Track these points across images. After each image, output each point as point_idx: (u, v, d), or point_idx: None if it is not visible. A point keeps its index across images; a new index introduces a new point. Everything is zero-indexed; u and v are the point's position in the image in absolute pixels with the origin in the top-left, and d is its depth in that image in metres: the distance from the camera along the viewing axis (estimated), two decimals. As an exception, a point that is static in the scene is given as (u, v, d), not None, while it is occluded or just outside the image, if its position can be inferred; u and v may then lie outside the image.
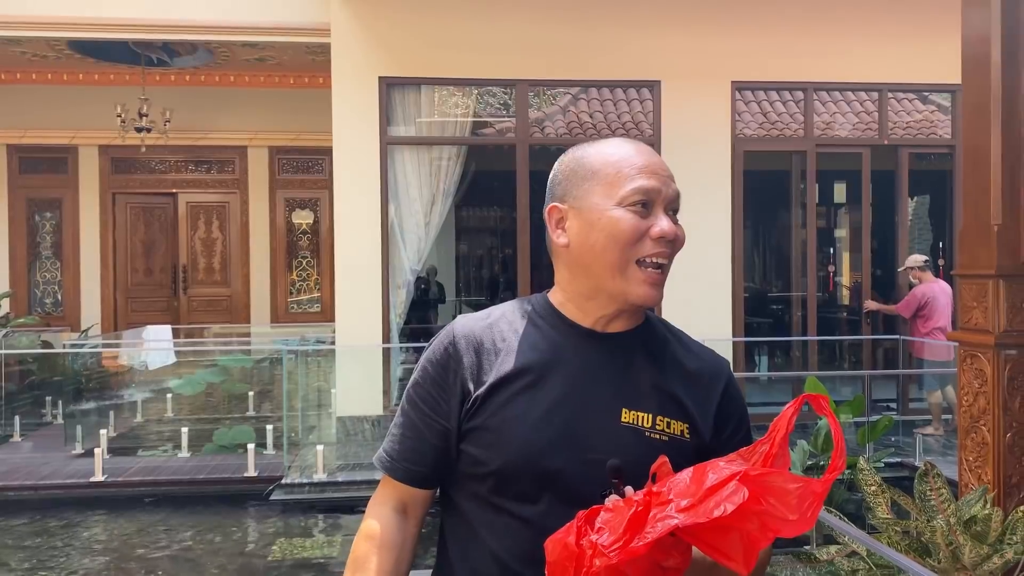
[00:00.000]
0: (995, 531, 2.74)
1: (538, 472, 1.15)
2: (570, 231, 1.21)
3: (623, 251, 1.17)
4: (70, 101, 11.04)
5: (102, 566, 5.12)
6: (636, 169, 1.20)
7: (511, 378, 1.18)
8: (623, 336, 1.23)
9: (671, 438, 1.18)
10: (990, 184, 3.16)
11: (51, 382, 9.09)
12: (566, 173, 1.25)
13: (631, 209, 1.18)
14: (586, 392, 1.18)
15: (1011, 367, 3.13)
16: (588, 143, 1.27)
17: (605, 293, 1.20)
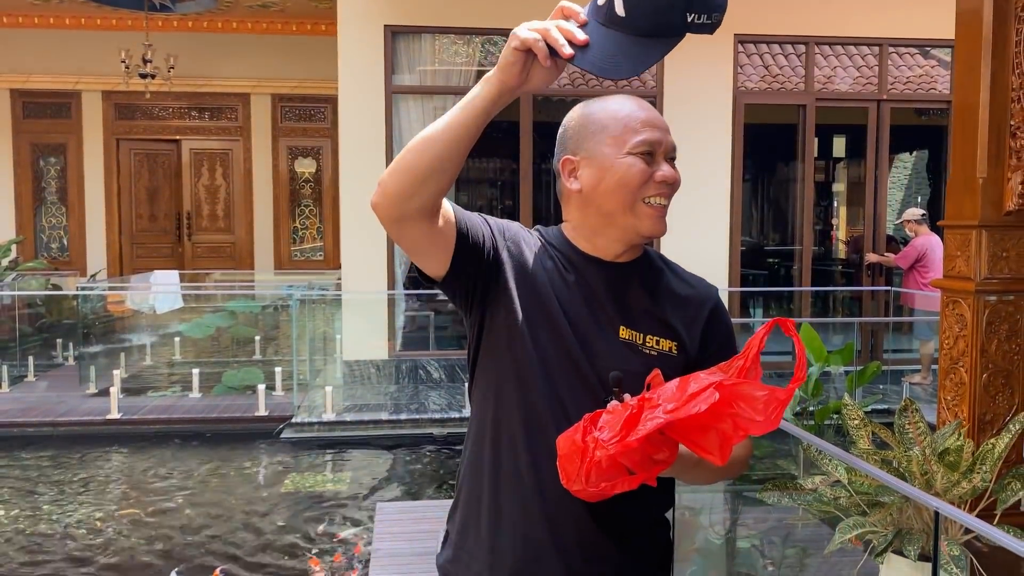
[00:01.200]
0: (966, 461, 2.95)
1: (553, 378, 1.35)
2: (582, 178, 1.39)
3: (634, 192, 1.36)
4: (73, 46, 11.05)
5: (123, 497, 5.38)
6: (640, 123, 1.38)
7: (538, 296, 1.37)
8: (625, 266, 1.43)
9: (660, 354, 1.38)
10: (977, 138, 3.31)
11: (62, 325, 9.30)
12: (576, 128, 1.41)
13: (641, 157, 1.36)
14: (593, 311, 1.38)
15: (989, 312, 3.31)
16: (593, 100, 1.44)
17: (617, 228, 1.39)
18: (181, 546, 4.53)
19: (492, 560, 1.39)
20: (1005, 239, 3.30)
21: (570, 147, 1.42)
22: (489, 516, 1.39)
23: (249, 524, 4.85)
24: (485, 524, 1.40)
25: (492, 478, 1.39)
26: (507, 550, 1.37)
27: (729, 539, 3.43)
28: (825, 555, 3.08)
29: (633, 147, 1.36)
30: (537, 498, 1.35)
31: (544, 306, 1.37)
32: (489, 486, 1.40)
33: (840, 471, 3.07)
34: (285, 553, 4.44)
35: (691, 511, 3.65)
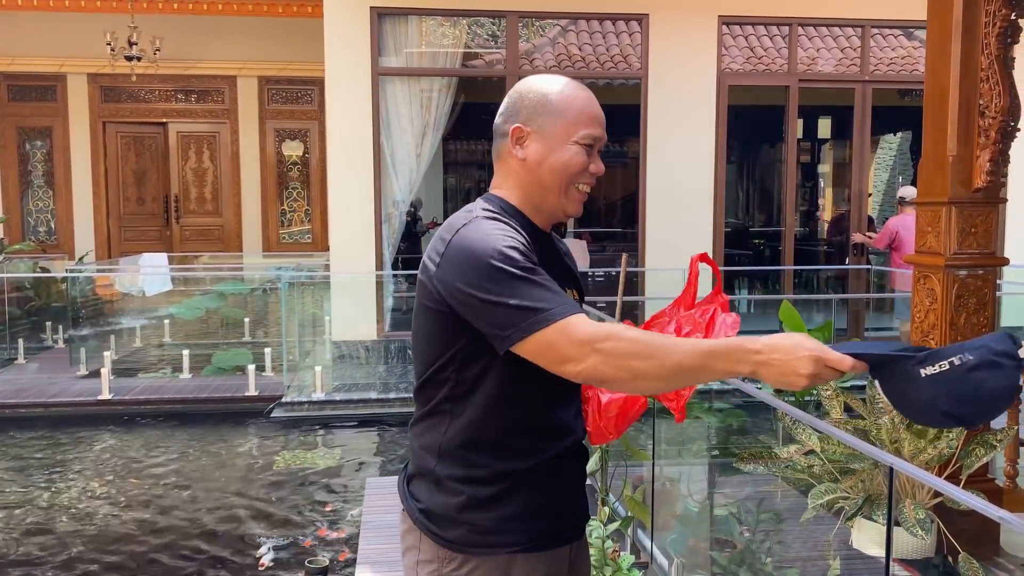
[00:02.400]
0: (933, 429, 3.07)
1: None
2: (528, 150, 1.51)
3: (569, 177, 1.51)
4: (58, 28, 10.99)
5: (116, 476, 5.46)
6: (590, 118, 1.52)
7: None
8: (549, 234, 1.63)
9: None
10: (947, 118, 3.41)
11: (51, 307, 9.33)
12: (532, 102, 1.52)
13: (583, 148, 1.51)
14: (559, 277, 1.54)
15: (958, 286, 3.42)
16: (548, 77, 1.55)
17: (549, 204, 1.54)
18: (175, 523, 4.62)
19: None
20: (974, 215, 3.41)
21: (522, 117, 1.52)
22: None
23: (241, 501, 4.94)
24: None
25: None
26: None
27: (707, 507, 3.55)
28: (801, 523, 3.20)
29: (580, 138, 1.50)
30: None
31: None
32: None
33: (813, 440, 3.18)
34: (278, 528, 4.53)
35: (671, 480, 3.76)
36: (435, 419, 1.49)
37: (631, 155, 12.55)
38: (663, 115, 7.87)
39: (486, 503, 1.45)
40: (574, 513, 1.56)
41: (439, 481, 1.48)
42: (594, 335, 1.30)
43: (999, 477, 3.63)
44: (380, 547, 3.79)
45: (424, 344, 1.49)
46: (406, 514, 1.55)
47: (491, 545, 1.45)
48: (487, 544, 1.45)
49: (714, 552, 3.39)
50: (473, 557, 1.46)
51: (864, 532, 3.18)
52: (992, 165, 3.29)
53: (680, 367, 1.29)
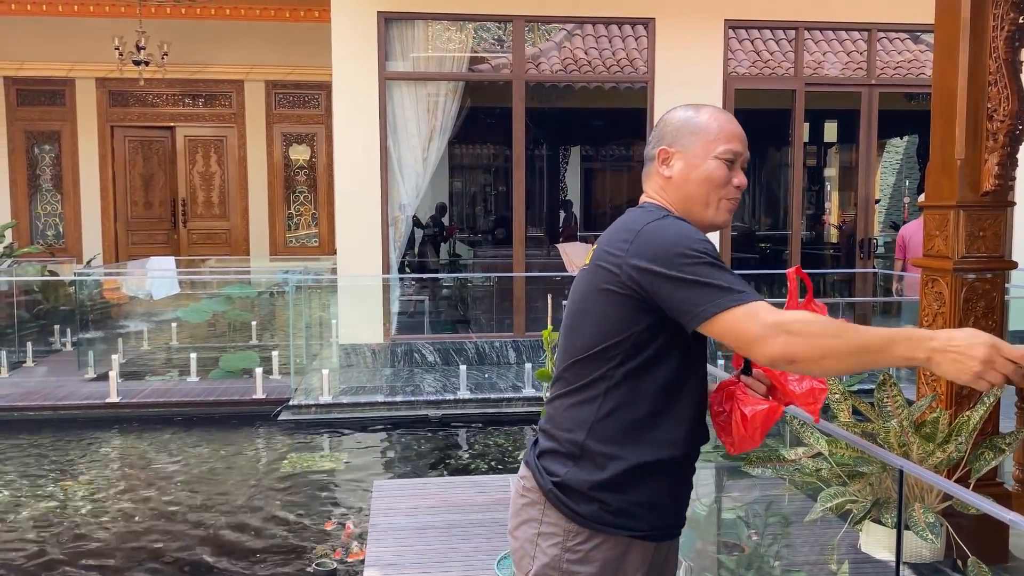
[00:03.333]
0: (942, 432, 3.07)
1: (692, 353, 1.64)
2: (674, 168, 1.66)
3: (715, 191, 1.64)
4: (67, 33, 11.06)
5: (125, 478, 5.48)
6: (730, 135, 1.65)
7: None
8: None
9: None
10: (955, 121, 3.41)
11: (59, 311, 9.37)
12: (676, 125, 1.68)
13: (724, 163, 1.63)
14: None
15: (967, 290, 3.42)
16: (691, 106, 1.71)
17: (695, 214, 1.65)
18: (184, 525, 4.64)
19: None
20: (982, 219, 3.41)
21: (667, 140, 1.68)
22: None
23: (249, 503, 4.96)
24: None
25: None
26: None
27: (715, 510, 3.55)
28: (804, 522, 3.19)
29: (721, 153, 1.63)
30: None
31: None
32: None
33: (821, 443, 3.18)
34: (287, 530, 4.54)
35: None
36: (589, 394, 1.57)
37: (637, 159, 12.56)
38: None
39: (622, 485, 1.54)
40: (682, 512, 1.68)
41: (584, 456, 1.56)
42: (782, 318, 1.40)
43: (1008, 481, 3.62)
44: (389, 550, 3.79)
45: (594, 324, 1.57)
46: (528, 488, 1.63)
47: (617, 526, 1.54)
48: (614, 524, 1.54)
49: (722, 555, 3.39)
50: (598, 534, 1.55)
51: (873, 536, 3.18)
52: (1000, 168, 3.29)
53: (865, 347, 1.36)
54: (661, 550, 1.63)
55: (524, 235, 8.07)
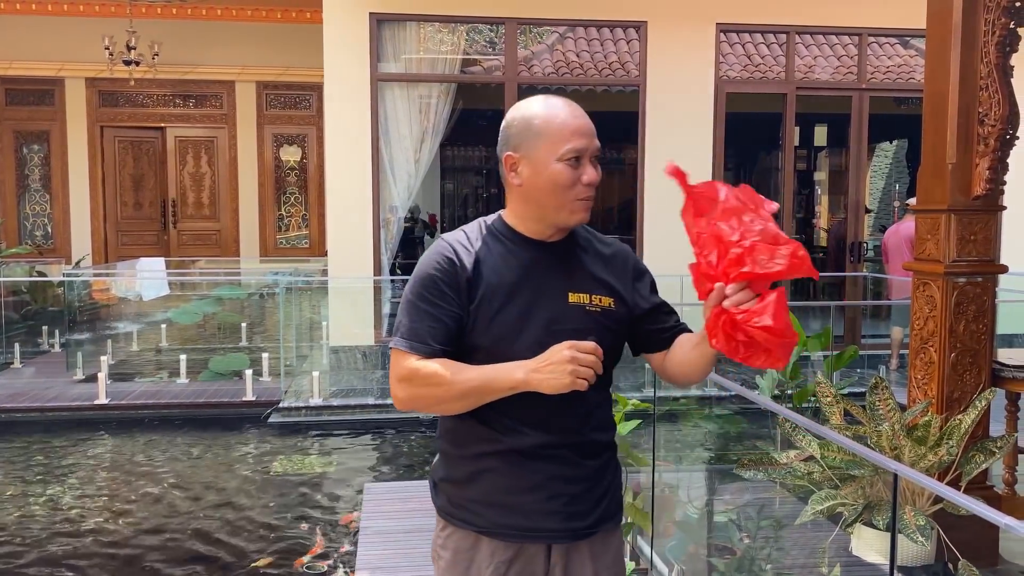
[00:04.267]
0: (934, 436, 3.07)
1: (520, 349, 1.56)
2: (522, 175, 1.62)
3: (563, 193, 1.59)
4: (56, 32, 11.00)
5: (113, 480, 5.44)
6: (571, 131, 1.59)
7: (497, 287, 1.60)
8: (560, 243, 1.67)
9: (603, 309, 1.64)
10: (947, 125, 3.42)
11: (47, 312, 9.31)
12: (518, 128, 1.62)
13: (568, 163, 1.58)
14: (544, 285, 1.63)
15: (958, 294, 3.43)
16: (532, 103, 1.64)
17: (549, 219, 1.63)
18: (172, 527, 4.60)
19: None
20: (973, 223, 3.42)
21: (511, 145, 1.63)
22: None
23: (238, 506, 4.93)
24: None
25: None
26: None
27: (707, 513, 3.55)
28: (796, 525, 3.20)
29: (563, 155, 1.58)
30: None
31: (503, 293, 1.60)
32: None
33: (813, 446, 3.19)
34: (274, 533, 4.52)
35: (670, 487, 3.76)
36: None
37: (629, 162, 12.58)
38: (661, 122, 7.89)
39: (456, 481, 1.65)
40: (549, 515, 1.60)
41: (440, 451, 1.71)
42: (403, 372, 1.56)
43: (998, 484, 3.63)
44: (379, 553, 3.78)
45: None
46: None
47: (461, 519, 1.64)
48: (457, 517, 1.64)
49: (713, 558, 3.38)
50: (450, 526, 1.66)
51: (864, 539, 3.18)
52: (991, 173, 3.31)
53: (468, 392, 1.53)
54: (535, 553, 1.61)
55: (516, 237, 8.06)
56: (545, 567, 1.62)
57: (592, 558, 1.65)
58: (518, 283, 1.60)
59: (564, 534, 1.61)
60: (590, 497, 1.63)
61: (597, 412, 1.65)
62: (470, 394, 1.53)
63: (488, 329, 1.58)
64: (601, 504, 1.65)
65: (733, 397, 5.35)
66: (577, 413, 1.60)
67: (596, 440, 1.64)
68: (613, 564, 1.69)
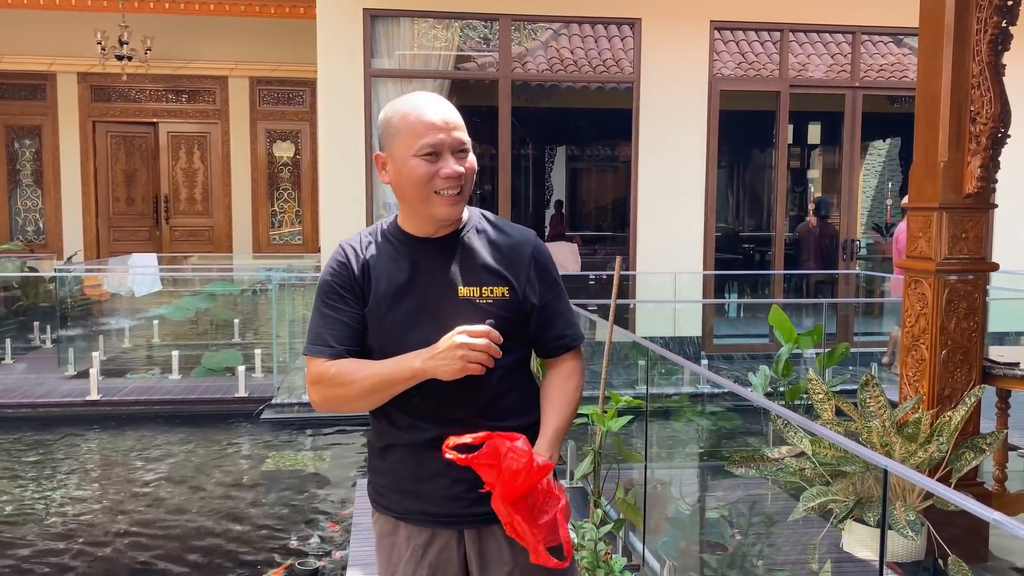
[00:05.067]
0: (924, 433, 3.09)
1: (411, 346, 1.61)
2: (390, 173, 1.65)
3: (422, 188, 1.60)
4: (48, 26, 10.94)
5: (105, 477, 5.42)
6: (425, 127, 1.59)
7: (385, 289, 1.65)
8: (448, 237, 1.68)
9: (495, 300, 1.64)
10: (939, 124, 3.44)
11: (38, 308, 9.26)
12: (383, 128, 1.65)
13: (424, 158, 1.59)
14: (433, 282, 1.65)
15: (949, 291, 3.45)
16: (396, 102, 1.67)
17: (420, 214, 1.65)
18: (162, 524, 4.59)
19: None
20: (965, 221, 3.44)
21: (381, 144, 1.67)
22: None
23: (230, 502, 4.92)
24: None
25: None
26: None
27: (699, 509, 3.56)
28: (788, 522, 3.21)
29: (418, 150, 1.59)
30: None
31: (392, 293, 1.65)
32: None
33: (804, 443, 3.20)
34: (267, 530, 4.51)
35: (662, 483, 3.77)
36: None
37: (622, 159, 12.59)
38: (655, 119, 7.90)
39: (375, 470, 1.75)
40: (453, 501, 1.65)
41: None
42: (315, 374, 1.63)
43: (988, 481, 3.65)
44: (372, 549, 3.77)
45: None
46: None
47: (381, 505, 1.73)
48: (379, 504, 1.74)
49: (705, 555, 3.39)
50: (376, 511, 1.76)
51: (855, 535, 3.20)
52: (983, 171, 3.32)
53: (374, 387, 1.59)
54: (447, 538, 1.67)
55: (509, 234, 8.06)
56: (460, 551, 1.68)
57: (509, 542, 1.65)
58: (406, 283, 1.64)
59: (470, 519, 1.66)
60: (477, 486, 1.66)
61: (501, 402, 1.65)
62: (375, 389, 1.59)
63: (379, 331, 1.64)
64: None
65: (726, 394, 5.36)
66: (472, 405, 1.63)
67: (499, 429, 1.59)
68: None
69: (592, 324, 4.88)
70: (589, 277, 8.68)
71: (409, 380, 1.58)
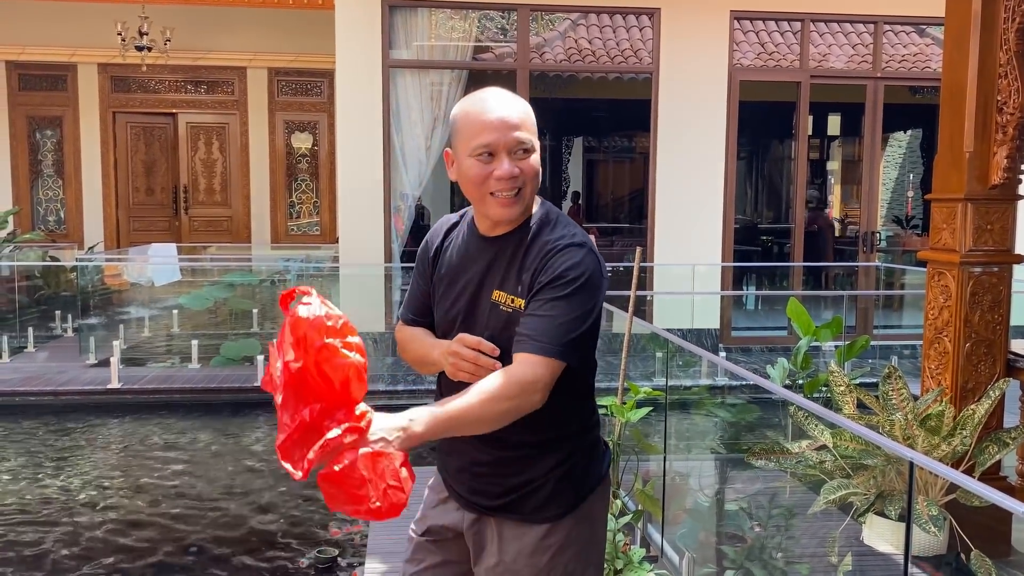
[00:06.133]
0: (947, 426, 3.06)
1: (444, 334, 1.71)
2: (454, 171, 1.67)
3: (477, 188, 1.61)
4: (69, 18, 11.01)
5: (126, 464, 5.48)
6: (481, 126, 1.58)
7: (443, 275, 1.73)
8: (504, 237, 1.66)
9: (513, 310, 1.60)
10: (965, 114, 3.39)
11: (60, 297, 9.36)
12: (451, 126, 1.68)
13: (478, 159, 1.58)
14: (476, 279, 1.67)
15: (973, 284, 3.41)
16: (469, 95, 1.66)
17: (479, 212, 1.68)
18: (182, 511, 4.64)
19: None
20: (990, 212, 3.40)
21: (449, 141, 1.69)
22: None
23: (249, 491, 4.96)
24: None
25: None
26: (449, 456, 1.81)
27: (718, 501, 3.55)
28: (808, 515, 3.19)
29: (472, 151, 1.59)
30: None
31: (446, 281, 1.72)
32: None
33: (825, 435, 3.18)
34: (286, 518, 4.54)
35: (680, 475, 3.76)
36: None
37: (640, 150, 12.53)
38: (673, 110, 7.85)
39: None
40: (458, 482, 1.76)
41: None
42: (397, 336, 1.81)
43: (1011, 476, 3.62)
44: (389, 538, 3.79)
45: None
46: None
47: (436, 459, 1.87)
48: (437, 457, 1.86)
49: (725, 547, 3.39)
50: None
51: (876, 528, 3.18)
52: (1009, 162, 3.28)
53: (413, 360, 1.78)
54: (454, 510, 1.78)
55: (527, 225, 8.04)
56: (461, 521, 1.76)
57: (500, 539, 1.68)
58: (457, 274, 1.69)
59: (467, 504, 1.74)
60: (498, 482, 1.67)
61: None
62: (416, 363, 1.76)
63: (435, 310, 1.75)
64: (515, 493, 1.65)
65: (743, 386, 5.33)
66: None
67: (499, 436, 1.57)
68: (528, 556, 1.66)
69: (610, 315, 4.87)
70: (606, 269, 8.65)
71: (432, 366, 1.69)
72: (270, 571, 3.92)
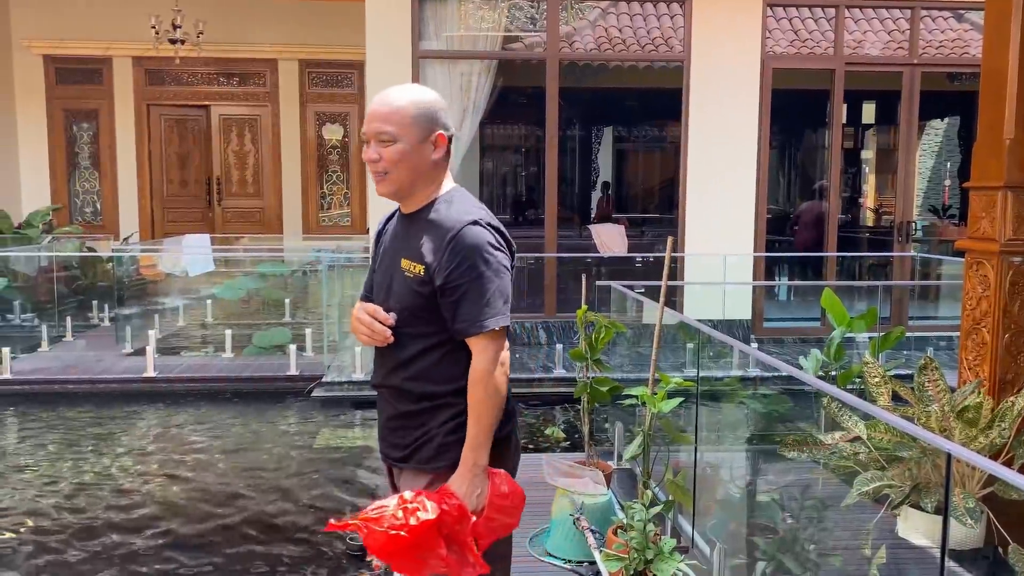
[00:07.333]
0: (985, 418, 3.01)
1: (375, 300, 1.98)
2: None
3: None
4: (104, 12, 11.17)
5: (163, 450, 5.58)
6: (366, 117, 1.90)
7: (380, 251, 2.04)
8: (415, 214, 1.94)
9: (414, 275, 1.86)
10: (1005, 100, 3.32)
11: (97, 287, 9.53)
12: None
13: (365, 144, 1.90)
14: (391, 251, 1.98)
15: (1013, 273, 3.34)
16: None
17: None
18: (216, 498, 4.71)
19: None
20: (1031, 201, 3.32)
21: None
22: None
23: (282, 477, 5.03)
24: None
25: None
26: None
27: (749, 493, 3.52)
28: (842, 507, 3.16)
29: (362, 137, 1.91)
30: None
31: (381, 256, 2.01)
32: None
33: (859, 427, 3.14)
34: (320, 504, 4.60)
35: (711, 466, 3.74)
36: None
37: (671, 140, 12.44)
38: (705, 99, 7.77)
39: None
40: (381, 437, 2.01)
41: None
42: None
43: (1051, 469, 3.55)
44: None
45: None
46: None
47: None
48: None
49: (756, 538, 3.36)
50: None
51: (911, 521, 3.14)
52: (1051, 149, 3.20)
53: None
54: (387, 467, 2.05)
55: (556, 216, 8.03)
56: (389, 476, 2.05)
57: (402, 486, 1.94)
58: (387, 249, 1.99)
59: (387, 458, 2.00)
60: (405, 434, 1.92)
61: (412, 364, 1.88)
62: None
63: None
64: (415, 444, 1.90)
65: (775, 377, 5.28)
66: (388, 362, 1.92)
67: (409, 388, 1.89)
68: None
69: (640, 305, 4.85)
70: (636, 259, 8.62)
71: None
72: (303, 557, 3.98)
